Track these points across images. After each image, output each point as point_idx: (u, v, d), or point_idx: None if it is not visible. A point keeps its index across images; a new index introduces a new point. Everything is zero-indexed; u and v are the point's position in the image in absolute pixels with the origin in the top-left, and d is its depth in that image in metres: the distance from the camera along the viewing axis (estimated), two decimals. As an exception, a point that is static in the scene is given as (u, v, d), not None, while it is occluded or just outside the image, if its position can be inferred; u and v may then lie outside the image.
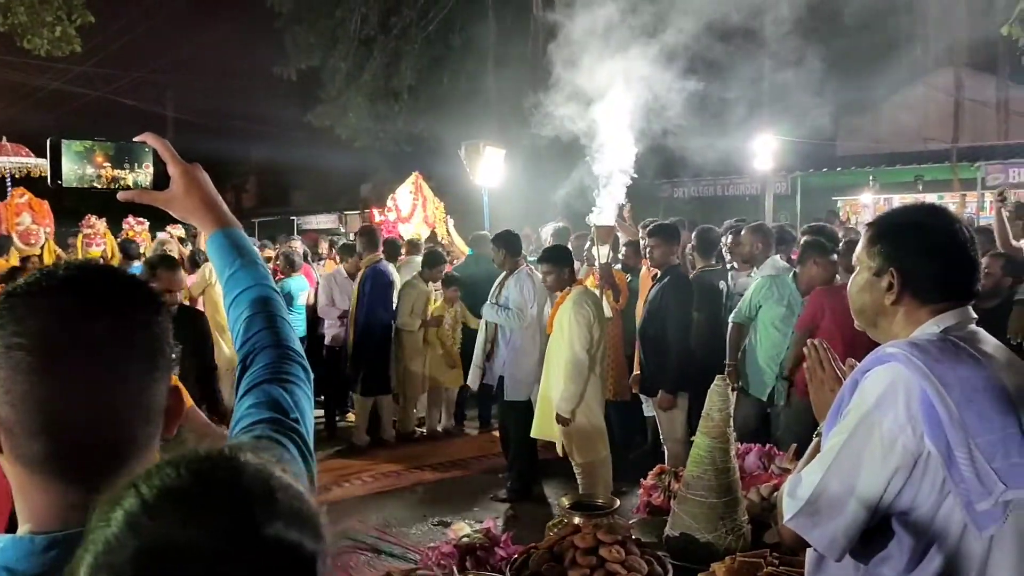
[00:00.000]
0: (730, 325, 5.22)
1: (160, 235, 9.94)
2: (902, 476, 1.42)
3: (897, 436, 1.42)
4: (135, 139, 1.24)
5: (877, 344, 1.60)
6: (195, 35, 21.91)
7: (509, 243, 6.05)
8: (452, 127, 14.04)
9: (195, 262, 7.99)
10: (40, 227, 10.30)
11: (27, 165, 11.57)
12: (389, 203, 10.50)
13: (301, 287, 7.88)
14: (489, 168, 8.51)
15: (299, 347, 1.22)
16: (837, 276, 4.83)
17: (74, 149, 1.19)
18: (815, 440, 1.67)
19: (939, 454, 1.39)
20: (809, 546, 1.55)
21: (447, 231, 10.19)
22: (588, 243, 6.61)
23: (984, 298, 4.12)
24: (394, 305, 7.26)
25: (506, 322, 5.80)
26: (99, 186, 1.21)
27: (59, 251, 10.36)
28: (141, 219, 11.06)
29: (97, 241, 10.42)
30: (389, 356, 7.26)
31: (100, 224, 10.62)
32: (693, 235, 6.13)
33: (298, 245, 10.02)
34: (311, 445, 1.10)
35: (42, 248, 10.11)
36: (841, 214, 14.70)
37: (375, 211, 11.11)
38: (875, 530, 1.46)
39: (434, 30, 17.16)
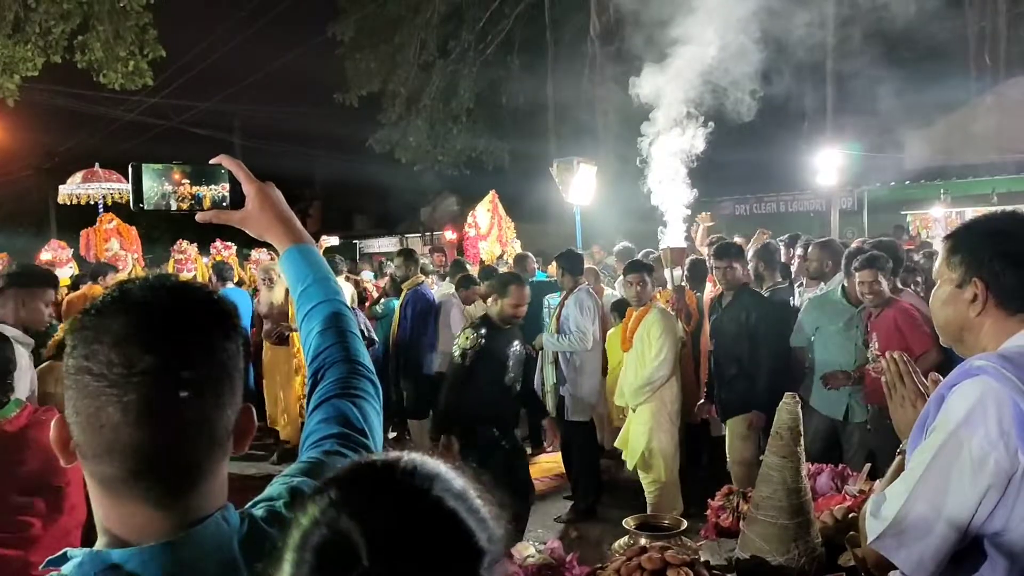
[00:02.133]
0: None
1: (262, 259, 9.91)
2: (994, 496, 1.34)
3: (989, 453, 1.34)
4: (211, 161, 1.27)
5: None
6: (260, 64, 22.72)
7: (572, 262, 6.01)
8: (514, 146, 14.14)
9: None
10: (128, 253, 10.47)
11: (120, 191, 11.92)
12: (469, 219, 10.57)
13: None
14: (581, 185, 8.42)
15: (369, 363, 1.22)
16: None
17: (152, 169, 1.23)
18: (898, 458, 1.60)
19: None
20: (895, 568, 1.48)
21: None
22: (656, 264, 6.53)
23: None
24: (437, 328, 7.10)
25: (570, 347, 5.73)
26: (177, 205, 1.24)
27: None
28: (228, 243, 11.27)
29: (188, 266, 10.48)
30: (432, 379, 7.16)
31: (191, 249, 10.73)
32: (755, 252, 6.01)
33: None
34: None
35: (129, 274, 10.33)
36: (911, 228, 14.24)
37: (449, 230, 11.19)
38: (966, 552, 1.38)
39: (492, 52, 17.38)
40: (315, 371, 1.18)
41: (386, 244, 23.24)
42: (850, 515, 2.73)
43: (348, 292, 7.28)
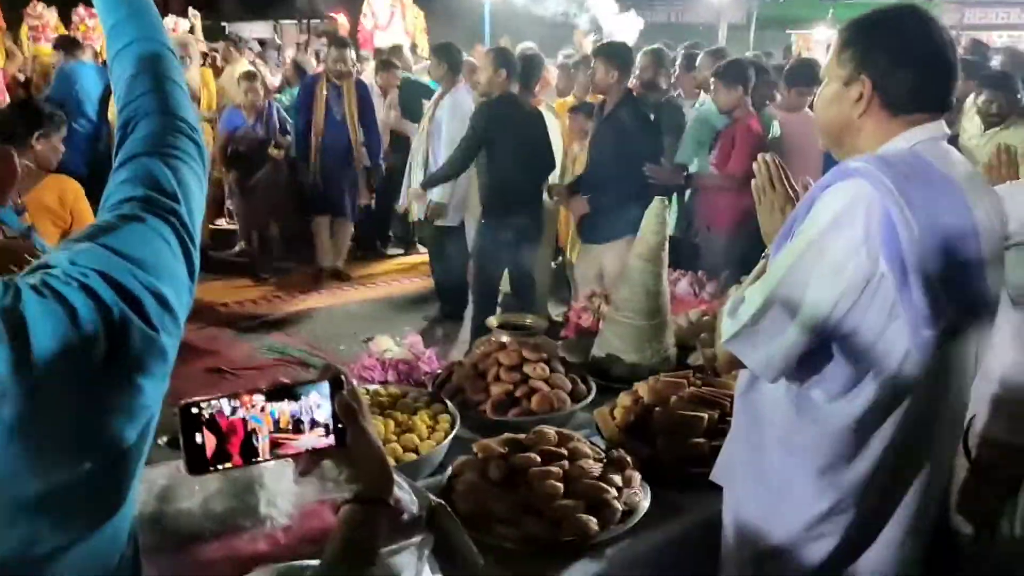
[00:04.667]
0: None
1: (178, 32, 8.32)
2: (850, 298, 1.34)
3: (851, 256, 1.32)
4: None
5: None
6: None
7: (450, 55, 5.63)
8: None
9: None
10: None
11: None
12: (364, 8, 9.71)
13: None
14: None
15: (192, 118, 1.02)
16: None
17: None
18: (761, 262, 1.58)
19: (893, 276, 1.31)
20: (742, 367, 1.49)
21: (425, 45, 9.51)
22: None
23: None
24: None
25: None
26: None
27: (9, 45, 8.55)
28: (93, 9, 9.48)
29: (47, 35, 8.81)
30: None
31: (50, 14, 9.02)
32: (648, 55, 5.76)
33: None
34: (195, 231, 0.93)
35: None
36: (794, 49, 14.34)
37: (342, 13, 10.22)
38: (813, 352, 1.39)
39: None
40: (124, 123, 0.99)
41: (260, 30, 21.38)
42: (704, 318, 2.82)
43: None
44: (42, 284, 0.77)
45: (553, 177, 4.98)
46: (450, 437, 1.97)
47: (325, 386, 0.96)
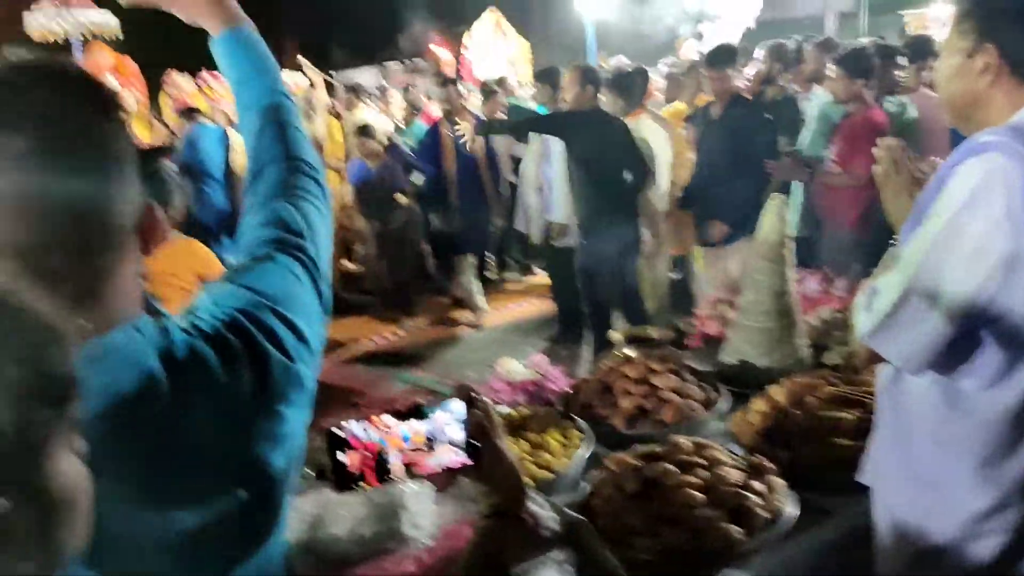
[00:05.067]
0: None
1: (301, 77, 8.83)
2: (996, 280, 1.26)
3: (993, 235, 1.24)
4: None
5: None
6: None
7: (553, 78, 5.67)
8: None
9: None
10: (130, 91, 8.67)
11: (98, 25, 9.76)
12: (465, 41, 9.98)
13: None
14: None
15: (313, 158, 1.09)
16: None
17: None
18: (892, 250, 1.50)
19: None
20: (883, 362, 1.42)
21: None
22: None
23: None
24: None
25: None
26: None
27: (155, 121, 8.83)
28: (216, 72, 9.72)
29: (185, 103, 8.66)
30: None
31: (185, 81, 9.13)
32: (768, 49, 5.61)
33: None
34: (323, 264, 0.99)
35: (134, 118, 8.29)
36: (908, 30, 13.62)
37: (444, 47, 10.42)
38: (960, 340, 1.31)
39: None
40: (254, 171, 1.07)
41: (366, 76, 22.24)
42: (836, 315, 2.71)
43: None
44: (191, 326, 0.83)
45: (664, 186, 4.91)
46: (584, 453, 1.97)
47: (457, 404, 0.98)
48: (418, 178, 6.49)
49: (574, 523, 1.32)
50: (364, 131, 6.65)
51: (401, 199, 6.48)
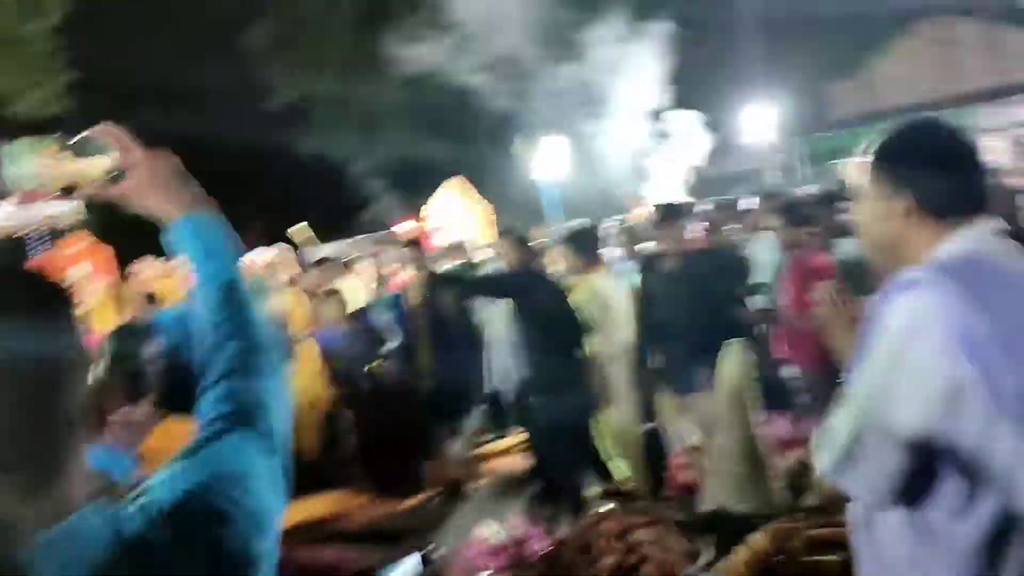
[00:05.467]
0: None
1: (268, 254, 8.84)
2: (941, 409, 1.31)
3: (931, 367, 1.30)
4: (87, 132, 1.16)
5: None
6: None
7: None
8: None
9: None
10: (99, 280, 9.06)
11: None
12: (424, 212, 10.25)
13: None
14: (549, 159, 8.10)
15: (269, 335, 1.13)
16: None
17: (23, 144, 1.10)
18: (842, 387, 1.56)
19: (981, 380, 1.28)
20: (850, 499, 1.44)
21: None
22: None
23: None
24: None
25: None
26: (54, 183, 1.12)
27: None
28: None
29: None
30: None
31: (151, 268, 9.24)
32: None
33: None
34: (281, 438, 1.01)
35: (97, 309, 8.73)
36: (840, 176, 14.48)
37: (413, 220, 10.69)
38: (919, 471, 1.35)
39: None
40: (209, 348, 1.10)
41: (332, 250, 22.74)
42: (809, 456, 2.73)
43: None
44: (140, 509, 0.84)
45: (625, 337, 4.97)
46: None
47: (414, 560, 0.96)
48: (391, 345, 6.38)
49: None
50: (332, 294, 6.57)
51: (374, 367, 6.33)
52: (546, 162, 8.16)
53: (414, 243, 7.19)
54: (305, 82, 17.60)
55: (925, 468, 1.36)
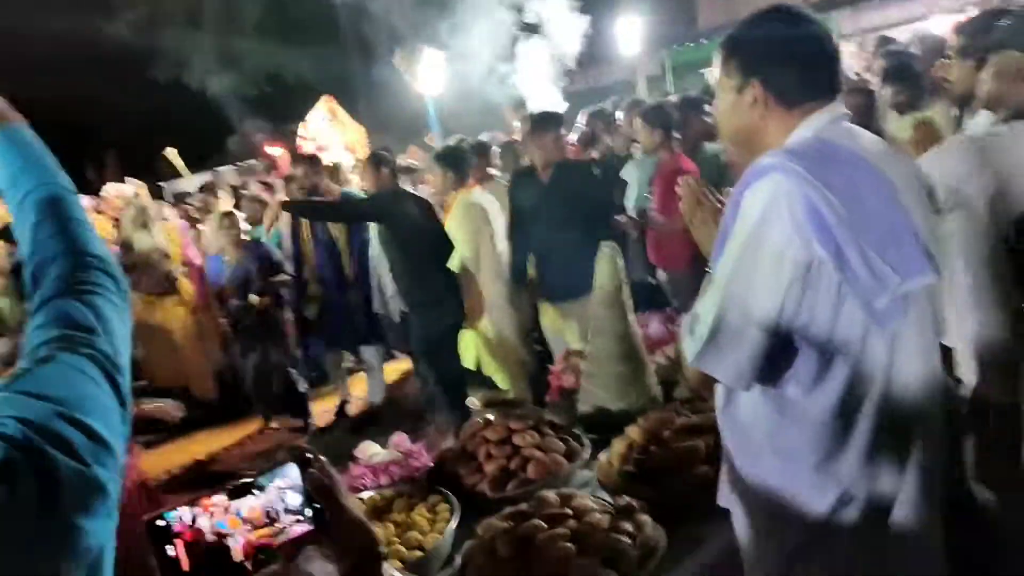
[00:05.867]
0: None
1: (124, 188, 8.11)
2: (797, 289, 1.36)
3: (785, 249, 1.35)
4: None
5: None
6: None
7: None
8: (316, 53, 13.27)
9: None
10: None
11: None
12: (301, 132, 9.84)
13: None
14: (429, 73, 7.88)
15: (103, 252, 1.03)
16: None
17: None
18: (707, 277, 1.59)
19: (831, 258, 1.33)
20: (716, 383, 1.49)
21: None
22: None
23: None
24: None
25: None
26: None
27: None
28: None
29: None
30: None
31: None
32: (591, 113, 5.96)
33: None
34: (119, 360, 0.93)
35: None
36: (711, 85, 14.80)
37: (277, 145, 10.25)
38: (778, 350, 1.40)
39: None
40: (33, 270, 0.99)
41: (197, 181, 21.67)
42: (680, 351, 2.82)
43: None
44: None
45: (501, 252, 4.95)
46: (451, 525, 1.93)
47: (292, 468, 0.91)
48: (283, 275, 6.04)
49: None
50: (228, 215, 6.13)
51: (254, 299, 5.93)
52: (426, 76, 7.94)
53: (303, 155, 6.78)
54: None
55: (782, 347, 1.42)
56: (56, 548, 0.77)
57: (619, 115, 6.42)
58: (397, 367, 7.32)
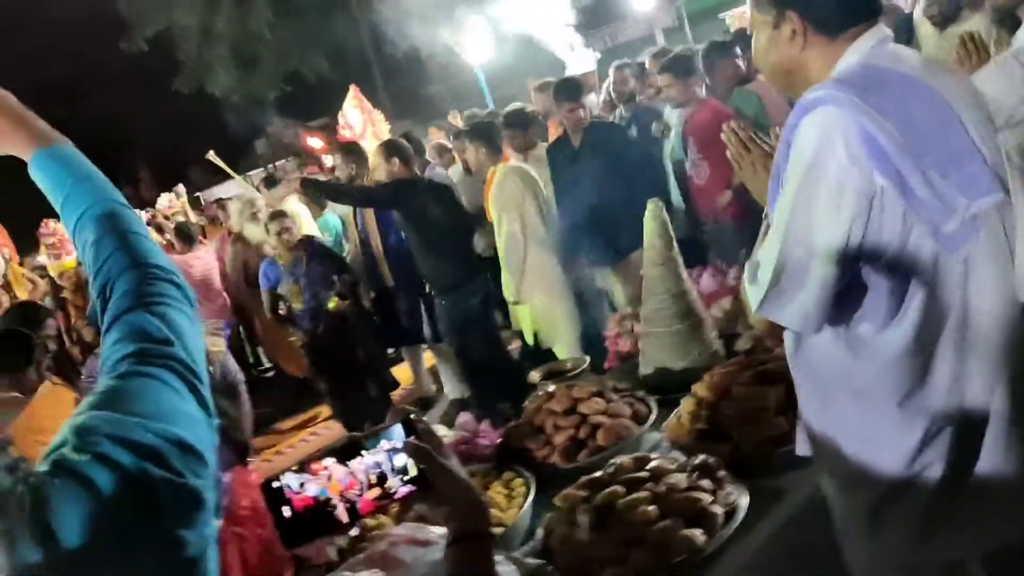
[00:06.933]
0: None
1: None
2: (861, 222, 1.31)
3: (845, 181, 1.30)
4: None
5: None
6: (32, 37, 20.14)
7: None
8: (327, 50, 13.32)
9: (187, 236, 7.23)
10: None
11: None
12: (341, 121, 9.96)
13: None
14: (475, 41, 7.79)
15: (165, 262, 1.03)
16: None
17: None
18: (764, 223, 1.55)
19: (893, 186, 1.28)
20: (784, 329, 1.45)
21: None
22: None
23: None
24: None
25: None
26: None
27: (28, 275, 8.51)
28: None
29: (67, 249, 7.99)
30: None
31: (61, 228, 8.77)
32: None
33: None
34: (197, 367, 0.93)
35: (4, 277, 8.24)
36: (731, 29, 14.48)
37: (316, 137, 10.29)
38: (846, 289, 1.36)
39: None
40: (100, 287, 1.00)
41: (232, 188, 21.97)
42: (736, 303, 2.77)
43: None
44: (55, 466, 0.76)
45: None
46: (530, 499, 1.93)
47: (398, 430, 0.94)
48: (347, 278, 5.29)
49: (534, 570, 1.27)
50: (280, 215, 5.34)
51: (330, 303, 5.16)
52: (473, 45, 7.89)
53: (346, 143, 6.68)
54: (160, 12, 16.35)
55: (850, 286, 1.38)
56: (159, 562, 0.77)
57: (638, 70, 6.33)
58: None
